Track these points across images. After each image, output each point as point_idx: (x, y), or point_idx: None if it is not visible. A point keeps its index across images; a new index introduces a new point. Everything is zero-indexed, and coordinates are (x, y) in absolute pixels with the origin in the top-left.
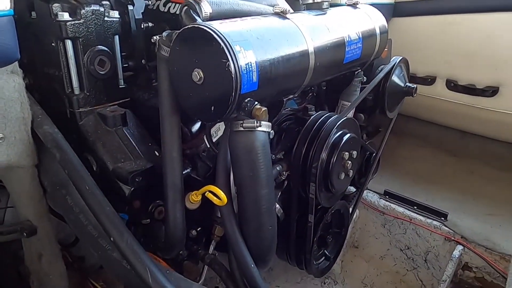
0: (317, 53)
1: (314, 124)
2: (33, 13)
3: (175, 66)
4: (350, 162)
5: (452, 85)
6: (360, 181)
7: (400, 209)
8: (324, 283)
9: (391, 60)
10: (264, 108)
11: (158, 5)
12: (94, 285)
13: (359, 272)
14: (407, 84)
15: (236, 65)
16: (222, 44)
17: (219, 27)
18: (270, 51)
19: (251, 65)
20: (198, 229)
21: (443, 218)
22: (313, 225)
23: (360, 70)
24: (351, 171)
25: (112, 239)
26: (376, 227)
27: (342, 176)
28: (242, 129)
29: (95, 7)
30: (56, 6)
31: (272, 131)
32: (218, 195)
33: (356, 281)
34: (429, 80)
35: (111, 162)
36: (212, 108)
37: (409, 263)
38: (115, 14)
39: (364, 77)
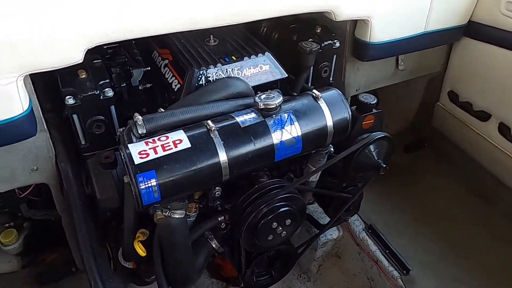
0: (232, 163)
1: (257, 191)
2: None
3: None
4: (281, 228)
5: (504, 131)
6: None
7: (373, 247)
8: (300, 276)
9: (372, 135)
10: (160, 217)
11: (161, 66)
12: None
13: (331, 279)
14: (378, 160)
15: (137, 189)
16: (131, 173)
17: (136, 158)
18: (174, 173)
19: (151, 187)
20: None
21: (405, 272)
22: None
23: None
24: (284, 232)
25: (80, 247)
26: (354, 251)
27: (271, 237)
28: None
29: (91, 92)
30: (65, 91)
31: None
32: (138, 250)
33: (325, 285)
34: (482, 116)
35: (99, 194)
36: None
37: None
38: (109, 93)
39: (331, 149)
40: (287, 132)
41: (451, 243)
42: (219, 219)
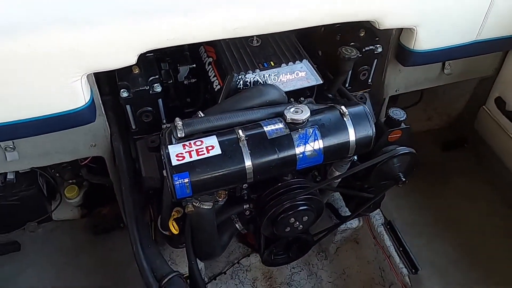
0: (256, 170)
1: (281, 188)
2: None
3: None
4: (298, 222)
5: None
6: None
7: (388, 242)
8: (319, 254)
9: (397, 149)
10: (190, 209)
11: (206, 63)
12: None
13: (346, 261)
14: (399, 173)
15: (172, 185)
16: (168, 172)
17: (174, 160)
18: (204, 174)
19: (184, 184)
20: None
21: (413, 271)
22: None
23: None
24: (301, 226)
25: (126, 215)
26: (371, 241)
27: (288, 229)
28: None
29: (142, 87)
30: (120, 85)
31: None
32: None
33: (339, 266)
34: None
35: (144, 173)
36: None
37: (381, 281)
38: (158, 88)
39: (355, 158)
40: (310, 146)
41: (468, 251)
42: (244, 206)
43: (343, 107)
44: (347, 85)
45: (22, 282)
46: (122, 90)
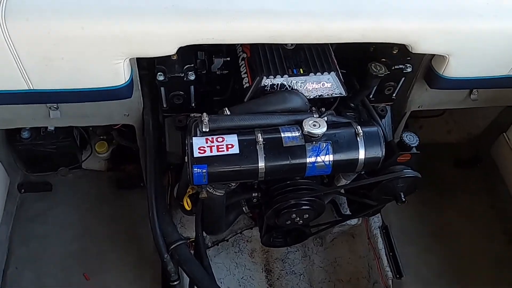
0: (268, 171)
1: (289, 186)
2: None
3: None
4: (298, 218)
5: None
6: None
7: (380, 245)
8: (315, 239)
9: (404, 171)
10: (203, 195)
11: (240, 57)
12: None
13: (339, 252)
14: (400, 193)
15: (191, 173)
16: (189, 164)
17: (196, 152)
18: (221, 169)
19: (202, 174)
20: None
21: (397, 276)
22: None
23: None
24: (301, 221)
25: (147, 182)
26: (365, 239)
27: (289, 222)
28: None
29: (177, 74)
30: (158, 68)
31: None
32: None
33: (332, 254)
34: None
35: (168, 148)
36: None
37: (367, 276)
38: (191, 76)
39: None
40: (321, 159)
41: (454, 268)
42: (253, 194)
43: (358, 127)
44: (371, 97)
45: (51, 217)
46: (159, 73)
